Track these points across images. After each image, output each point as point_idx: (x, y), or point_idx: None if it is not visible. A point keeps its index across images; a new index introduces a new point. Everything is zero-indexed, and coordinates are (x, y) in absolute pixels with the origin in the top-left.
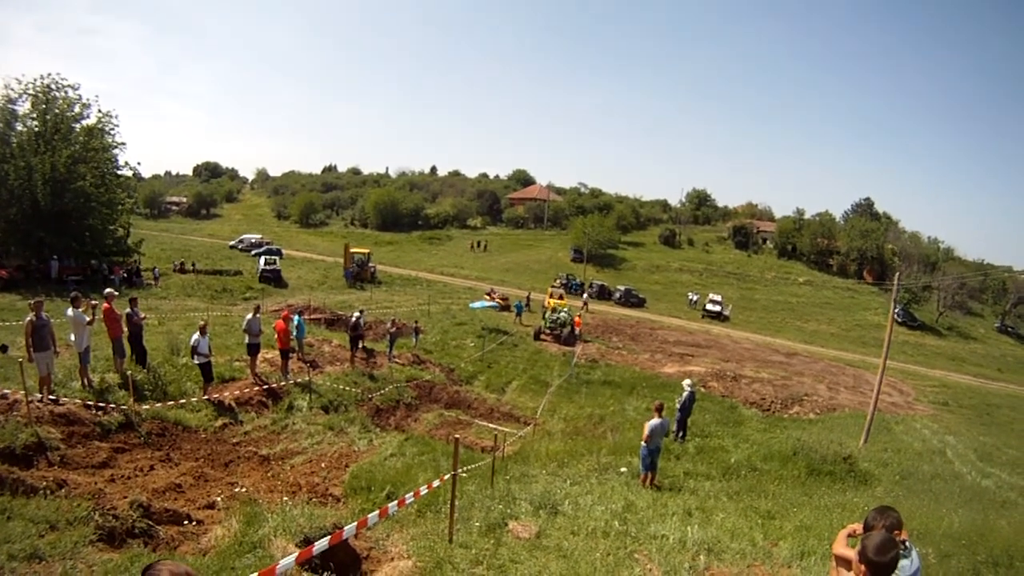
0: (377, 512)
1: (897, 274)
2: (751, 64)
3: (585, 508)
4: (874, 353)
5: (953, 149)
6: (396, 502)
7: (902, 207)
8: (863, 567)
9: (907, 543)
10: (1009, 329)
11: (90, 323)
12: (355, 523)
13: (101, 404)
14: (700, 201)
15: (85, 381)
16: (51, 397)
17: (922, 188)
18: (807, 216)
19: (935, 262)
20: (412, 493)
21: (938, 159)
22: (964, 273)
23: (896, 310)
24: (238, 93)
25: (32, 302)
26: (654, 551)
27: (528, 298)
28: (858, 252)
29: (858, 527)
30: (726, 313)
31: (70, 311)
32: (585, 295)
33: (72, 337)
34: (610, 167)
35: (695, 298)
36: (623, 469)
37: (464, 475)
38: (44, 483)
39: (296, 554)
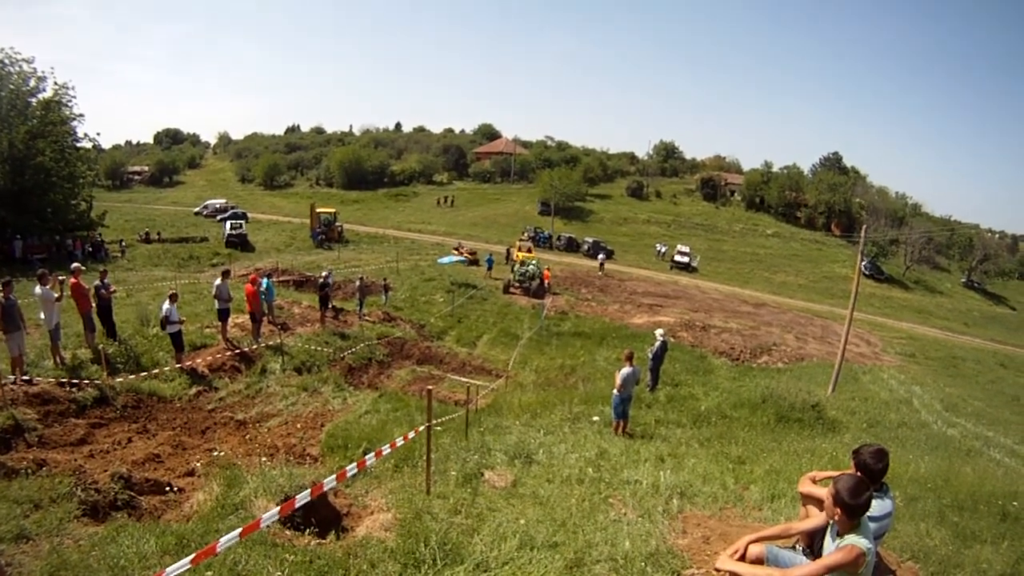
0: (355, 464)
1: (864, 227)
2: (718, 15)
3: (559, 456)
4: (841, 304)
5: (924, 108)
6: (374, 453)
7: (871, 162)
8: (838, 509)
9: (886, 486)
10: (975, 285)
11: (59, 299)
12: (334, 475)
13: (75, 381)
14: (668, 153)
15: (57, 359)
16: (24, 377)
17: (892, 144)
18: (775, 169)
19: (902, 217)
20: (388, 444)
21: (909, 116)
22: (931, 228)
23: (863, 263)
24: (196, 55)
25: None
26: (628, 496)
27: (508, 253)
28: (826, 205)
29: (819, 473)
30: (694, 264)
31: (38, 289)
32: (601, 256)
33: (41, 315)
34: (577, 120)
35: (663, 249)
36: (595, 418)
37: (439, 428)
38: (24, 464)
39: (279, 507)
